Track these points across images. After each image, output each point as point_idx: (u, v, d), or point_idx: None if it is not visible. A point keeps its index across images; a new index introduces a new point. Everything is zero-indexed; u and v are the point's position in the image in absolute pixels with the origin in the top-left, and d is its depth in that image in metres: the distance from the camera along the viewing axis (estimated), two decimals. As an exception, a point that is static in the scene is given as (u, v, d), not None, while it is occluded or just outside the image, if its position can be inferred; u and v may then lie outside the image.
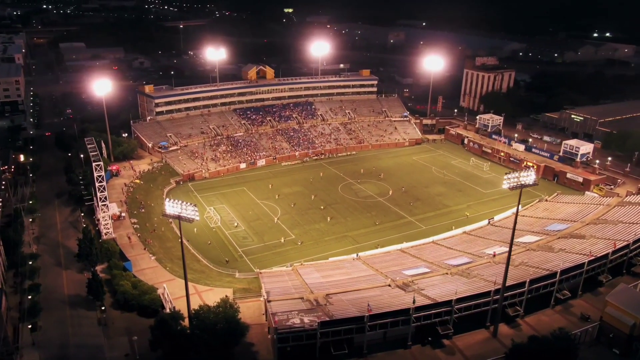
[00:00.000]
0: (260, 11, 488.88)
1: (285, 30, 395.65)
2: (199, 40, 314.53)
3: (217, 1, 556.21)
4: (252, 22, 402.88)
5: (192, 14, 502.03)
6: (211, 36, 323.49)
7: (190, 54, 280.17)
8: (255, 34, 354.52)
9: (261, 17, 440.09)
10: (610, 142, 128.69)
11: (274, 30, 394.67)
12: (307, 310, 60.63)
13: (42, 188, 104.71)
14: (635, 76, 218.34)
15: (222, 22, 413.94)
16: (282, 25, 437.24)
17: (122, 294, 65.84)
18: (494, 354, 57.08)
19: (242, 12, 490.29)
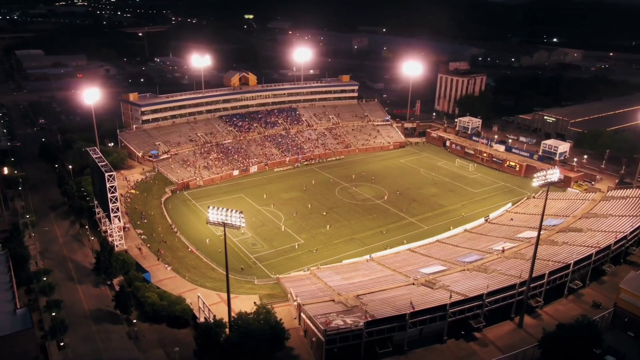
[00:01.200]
0: (220, 17, 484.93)
1: (248, 37, 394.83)
2: (164, 46, 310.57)
3: (173, 7, 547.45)
4: (214, 28, 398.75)
5: (148, 20, 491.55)
6: (175, 43, 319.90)
7: (156, 60, 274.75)
8: (218, 40, 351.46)
9: (222, 24, 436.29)
10: (582, 141, 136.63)
11: (237, 37, 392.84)
12: (344, 311, 61.91)
13: (34, 201, 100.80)
14: (589, 79, 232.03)
15: (184, 28, 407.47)
16: (244, 31, 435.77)
17: (151, 306, 64.81)
18: (524, 344, 60.14)
19: (202, 18, 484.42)
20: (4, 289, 62.53)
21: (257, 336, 55.07)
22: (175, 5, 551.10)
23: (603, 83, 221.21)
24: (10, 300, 60.42)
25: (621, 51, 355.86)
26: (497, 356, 58.42)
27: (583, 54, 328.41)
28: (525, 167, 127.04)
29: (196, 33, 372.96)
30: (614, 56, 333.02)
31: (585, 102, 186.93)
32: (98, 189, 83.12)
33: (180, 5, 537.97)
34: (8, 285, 63.28)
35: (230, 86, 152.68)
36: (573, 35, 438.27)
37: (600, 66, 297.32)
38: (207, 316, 61.56)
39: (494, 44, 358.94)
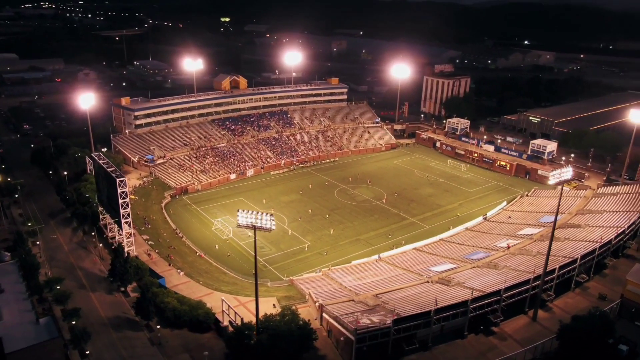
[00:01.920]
0: (195, 21, 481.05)
1: (227, 40, 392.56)
2: (142, 50, 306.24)
3: (147, 10, 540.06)
4: (190, 31, 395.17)
5: (121, 23, 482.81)
6: (154, 46, 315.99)
7: (136, 64, 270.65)
8: (197, 44, 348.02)
9: (199, 27, 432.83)
10: (567, 140, 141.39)
11: (215, 40, 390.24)
12: (367, 310, 63.06)
13: (32, 209, 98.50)
14: (565, 80, 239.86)
15: (161, 31, 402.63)
16: (221, 34, 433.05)
17: (172, 311, 64.48)
18: (541, 336, 62.37)
19: (177, 21, 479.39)
20: (21, 299, 61.35)
21: (286, 337, 55.70)
22: (149, 8, 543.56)
23: (578, 84, 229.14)
24: (29, 310, 59.36)
25: (591, 53, 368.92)
26: (517, 349, 60.40)
27: (555, 56, 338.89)
28: (515, 166, 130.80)
29: (173, 36, 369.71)
30: (585, 58, 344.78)
31: (562, 102, 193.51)
32: (105, 195, 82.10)
33: (154, 8, 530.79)
34: (25, 295, 62.12)
35: (220, 90, 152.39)
36: (543, 37, 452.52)
37: (573, 67, 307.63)
38: (233, 319, 61.71)
39: (470, 46, 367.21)
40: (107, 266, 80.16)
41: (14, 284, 64.03)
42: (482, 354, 60.29)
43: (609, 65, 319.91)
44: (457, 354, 60.49)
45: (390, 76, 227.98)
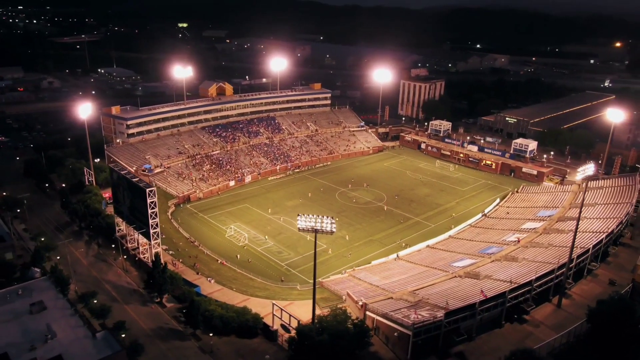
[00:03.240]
0: (149, 26, 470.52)
1: (188, 45, 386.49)
2: (103, 57, 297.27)
3: (97, 16, 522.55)
4: (148, 38, 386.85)
5: (71, 30, 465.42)
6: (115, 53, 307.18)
7: (100, 71, 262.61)
8: (158, 50, 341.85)
9: (154, 33, 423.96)
10: (543, 139, 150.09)
11: (173, 45, 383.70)
12: (411, 306, 65.84)
13: (35, 223, 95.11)
14: (526, 82, 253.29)
15: (118, 38, 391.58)
16: (179, 40, 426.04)
17: (219, 318, 64.79)
18: (569, 321, 67.15)
19: (130, 27, 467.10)
20: (68, 315, 60.02)
21: (345, 336, 57.63)
22: (100, 13, 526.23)
23: (537, 85, 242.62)
24: (81, 325, 58.24)
25: (540, 56, 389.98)
26: (551, 335, 64.78)
27: (509, 59, 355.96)
28: (500, 165, 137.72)
29: (133, 43, 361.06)
30: (536, 60, 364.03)
31: (526, 103, 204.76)
32: (126, 206, 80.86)
33: (109, 14, 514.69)
34: (71, 310, 60.77)
35: (207, 97, 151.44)
36: (493, 41, 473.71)
37: (528, 70, 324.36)
38: (286, 323, 62.84)
39: (429, 50, 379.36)
40: (133, 278, 79.60)
41: (54, 300, 62.46)
42: (521, 341, 64.11)
43: (559, 67, 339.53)
44: (498, 342, 64.19)
45: (362, 80, 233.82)
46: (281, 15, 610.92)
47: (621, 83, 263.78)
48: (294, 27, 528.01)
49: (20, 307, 60.73)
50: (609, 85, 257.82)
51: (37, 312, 59.53)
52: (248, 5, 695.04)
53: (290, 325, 63.12)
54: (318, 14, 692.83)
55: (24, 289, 64.33)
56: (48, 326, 56.34)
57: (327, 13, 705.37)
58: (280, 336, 64.76)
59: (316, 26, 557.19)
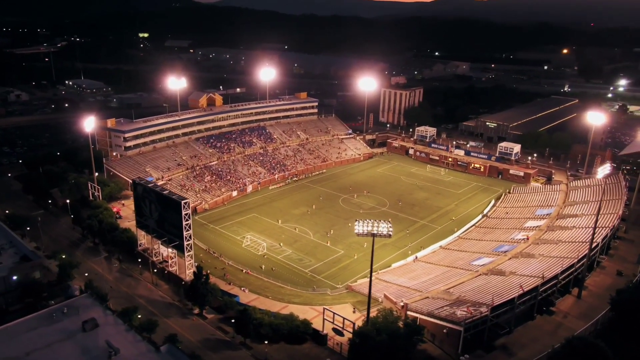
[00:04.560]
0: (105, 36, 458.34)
1: (149, 56, 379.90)
2: (68, 69, 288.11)
3: (50, 27, 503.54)
4: (110, 48, 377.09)
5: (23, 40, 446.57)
6: (79, 64, 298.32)
7: (68, 83, 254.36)
8: (122, 61, 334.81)
9: (116, 43, 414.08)
10: (524, 142, 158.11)
11: (135, 56, 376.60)
12: (451, 304, 69.10)
13: (45, 240, 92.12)
14: (492, 88, 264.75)
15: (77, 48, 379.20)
16: (141, 50, 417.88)
17: (268, 326, 65.78)
18: (593, 310, 72.44)
19: (88, 37, 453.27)
20: (124, 330, 59.46)
21: (402, 335, 60.13)
22: (52, 24, 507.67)
23: (503, 91, 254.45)
24: (141, 339, 57.90)
25: (497, 62, 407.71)
26: (579, 324, 69.65)
27: (470, 66, 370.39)
28: (488, 167, 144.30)
29: (95, 53, 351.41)
30: (495, 67, 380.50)
31: (496, 108, 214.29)
32: (154, 220, 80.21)
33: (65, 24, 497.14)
34: (126, 326, 60.17)
35: (197, 107, 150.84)
36: (449, 48, 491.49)
37: (489, 76, 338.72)
38: (340, 326, 64.55)
39: (393, 58, 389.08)
40: (165, 291, 79.21)
41: (104, 316, 61.60)
42: (554, 332, 68.72)
43: (516, 73, 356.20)
44: (534, 333, 68.41)
45: (335, 88, 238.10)
46: (240, 25, 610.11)
47: (578, 87, 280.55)
48: (253, 36, 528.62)
49: (71, 325, 59.61)
50: (568, 89, 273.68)
51: (90, 330, 58.61)
52: (206, 15, 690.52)
53: (343, 328, 64.87)
54: (276, 23, 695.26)
55: (69, 306, 63.06)
56: (108, 343, 55.71)
57: (285, 22, 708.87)
58: (330, 339, 66.36)
59: (276, 35, 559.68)
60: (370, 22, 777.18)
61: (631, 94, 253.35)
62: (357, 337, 59.47)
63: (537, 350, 63.97)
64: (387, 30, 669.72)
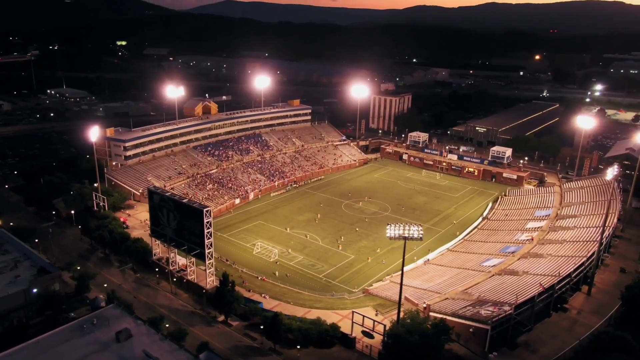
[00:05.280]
0: (83, 44, 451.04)
1: (129, 64, 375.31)
2: (49, 77, 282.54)
3: (23, 35, 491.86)
4: (88, 56, 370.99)
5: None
6: (61, 73, 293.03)
7: (51, 92, 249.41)
8: (102, 69, 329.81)
9: (95, 51, 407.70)
10: (513, 146, 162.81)
11: (116, 65, 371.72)
12: (473, 304, 71.10)
13: (53, 252, 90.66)
14: (475, 94, 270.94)
15: (55, 57, 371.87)
16: (120, 58, 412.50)
17: (297, 330, 66.54)
18: (604, 307, 75.60)
19: (64, 45, 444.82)
20: (159, 339, 59.23)
21: (432, 335, 61.72)
22: (26, 32, 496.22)
23: (485, 97, 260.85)
24: (178, 348, 57.83)
25: (474, 69, 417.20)
26: (592, 320, 72.64)
27: (449, 72, 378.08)
28: (482, 171, 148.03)
29: (73, 62, 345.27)
30: (473, 73, 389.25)
31: (480, 113, 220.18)
32: (172, 228, 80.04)
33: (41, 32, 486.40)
34: (160, 335, 59.98)
35: (193, 116, 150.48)
36: (425, 55, 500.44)
37: (469, 82, 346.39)
38: (369, 329, 65.73)
39: (374, 65, 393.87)
40: (185, 300, 79.03)
41: (136, 326, 61.21)
42: (571, 328, 71.46)
43: (494, 79, 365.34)
44: (553, 330, 70.91)
45: (320, 95, 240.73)
46: (217, 33, 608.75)
47: (556, 93, 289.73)
48: (230, 44, 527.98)
49: (104, 336, 59.12)
50: (546, 95, 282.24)
51: (124, 340, 58.19)
52: (182, 23, 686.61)
53: (373, 330, 66.07)
54: (253, 30, 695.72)
55: (98, 317, 62.45)
56: (146, 352, 55.55)
57: (262, 30, 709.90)
58: (359, 342, 67.47)
59: (254, 43, 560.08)
60: (346, 30, 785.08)
61: (607, 99, 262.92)
62: (390, 338, 60.75)
63: (558, 347, 66.50)
64: (363, 37, 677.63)
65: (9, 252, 79.31)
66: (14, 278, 71.68)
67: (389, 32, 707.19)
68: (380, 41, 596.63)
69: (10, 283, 70.59)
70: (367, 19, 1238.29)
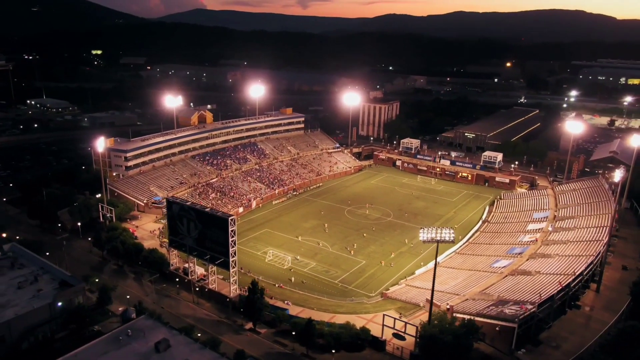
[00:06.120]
0: (56, 53, 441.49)
1: (106, 74, 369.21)
2: (25, 87, 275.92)
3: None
4: (65, 66, 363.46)
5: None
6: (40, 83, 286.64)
7: (31, 103, 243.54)
8: (76, 79, 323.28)
9: (72, 61, 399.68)
10: (501, 150, 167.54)
11: (91, 74, 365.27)
12: (495, 303, 73.47)
13: (64, 265, 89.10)
14: (456, 100, 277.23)
15: (29, 66, 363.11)
16: (96, 67, 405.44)
17: (329, 335, 67.54)
18: (614, 303, 79.00)
19: (38, 54, 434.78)
20: (198, 349, 59.40)
21: (461, 335, 63.70)
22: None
23: (467, 104, 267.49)
24: (219, 356, 58.12)
25: (450, 76, 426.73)
26: (605, 316, 75.86)
27: (427, 80, 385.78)
28: (475, 176, 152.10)
29: (49, 72, 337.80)
30: (450, 81, 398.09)
31: (463, 119, 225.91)
32: (194, 238, 79.95)
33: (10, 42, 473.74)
34: (199, 345, 60.17)
35: (189, 125, 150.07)
36: (399, 62, 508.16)
37: (447, 89, 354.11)
38: (401, 331, 67.26)
39: (352, 73, 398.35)
40: (208, 309, 79.03)
41: (173, 336, 61.10)
42: (587, 324, 74.57)
43: (470, 86, 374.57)
44: (570, 327, 73.77)
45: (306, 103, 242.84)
46: (192, 41, 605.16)
47: (533, 99, 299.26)
48: (206, 53, 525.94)
49: (142, 347, 58.90)
50: (524, 101, 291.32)
51: (164, 350, 58.12)
52: (154, 32, 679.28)
53: (405, 332, 67.59)
54: (226, 39, 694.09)
55: (132, 329, 62.11)
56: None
57: (235, 38, 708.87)
58: (388, 344, 68.89)
59: (229, 51, 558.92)
60: (319, 38, 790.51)
61: (581, 104, 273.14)
62: (424, 339, 62.44)
63: (578, 342, 69.37)
64: (338, 46, 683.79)
65: (25, 266, 77.77)
66: (37, 292, 70.42)
67: (362, 40, 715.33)
68: (355, 49, 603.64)
69: (34, 297, 69.33)
70: (339, 27, 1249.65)
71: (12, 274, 75.21)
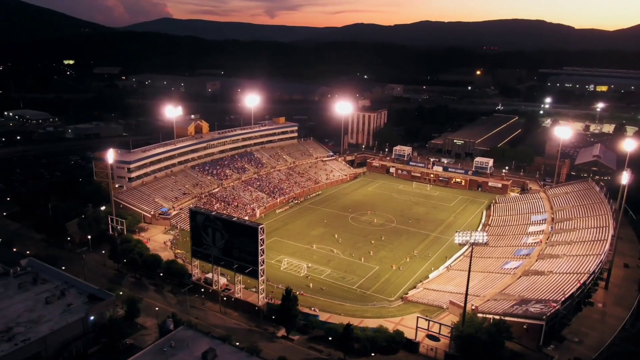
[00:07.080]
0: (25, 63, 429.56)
1: (80, 84, 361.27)
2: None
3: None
4: (36, 75, 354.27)
5: None
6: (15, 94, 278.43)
7: (9, 114, 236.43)
8: (52, 89, 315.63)
9: (45, 71, 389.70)
10: (490, 156, 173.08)
11: (66, 84, 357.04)
12: (518, 303, 76.43)
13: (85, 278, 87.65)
14: (437, 108, 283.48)
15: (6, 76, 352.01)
16: (69, 77, 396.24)
17: (365, 340, 68.96)
18: (623, 298, 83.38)
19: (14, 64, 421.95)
20: (245, 357, 59.92)
21: (494, 334, 66.24)
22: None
23: (447, 111, 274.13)
24: (266, 363, 58.79)
25: (427, 84, 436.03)
26: (617, 311, 80.00)
27: (404, 88, 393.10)
28: (468, 181, 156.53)
29: (22, 82, 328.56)
30: (426, 89, 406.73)
31: (447, 126, 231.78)
32: (220, 248, 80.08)
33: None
34: (245, 353, 60.62)
35: (186, 135, 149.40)
36: (375, 71, 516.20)
37: (424, 97, 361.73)
38: (436, 332, 69.27)
39: (330, 82, 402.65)
40: (236, 318, 79.23)
41: (218, 346, 61.43)
42: (602, 320, 78.37)
43: (446, 94, 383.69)
44: (588, 323, 77.35)
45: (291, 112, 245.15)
46: (163, 51, 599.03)
47: (509, 105, 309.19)
48: (179, 62, 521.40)
49: (188, 357, 58.98)
50: (501, 108, 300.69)
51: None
52: (124, 41, 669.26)
53: (440, 333, 69.59)
54: (198, 48, 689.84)
55: (174, 340, 62.11)
56: (242, 370, 56.26)
57: (207, 47, 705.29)
58: (422, 346, 70.77)
59: (200, 61, 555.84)
60: (291, 47, 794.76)
61: (555, 110, 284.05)
62: (460, 339, 64.66)
63: (598, 337, 72.92)
64: (310, 55, 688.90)
65: (48, 281, 76.29)
66: (67, 307, 69.27)
67: (333, 49, 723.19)
68: (326, 58, 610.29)
69: (65, 312, 68.18)
70: (308, 36, 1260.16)
71: (36, 289, 73.71)
